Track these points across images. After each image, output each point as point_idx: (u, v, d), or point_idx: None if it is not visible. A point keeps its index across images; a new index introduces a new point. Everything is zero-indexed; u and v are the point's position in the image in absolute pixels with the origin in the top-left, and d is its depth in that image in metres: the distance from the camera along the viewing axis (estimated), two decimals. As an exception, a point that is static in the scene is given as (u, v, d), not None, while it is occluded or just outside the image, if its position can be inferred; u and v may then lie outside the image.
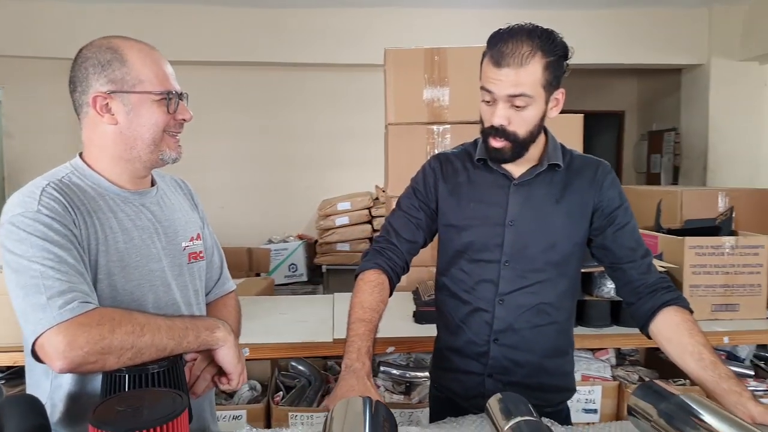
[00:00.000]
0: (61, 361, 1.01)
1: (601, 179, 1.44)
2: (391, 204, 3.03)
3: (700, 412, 1.06)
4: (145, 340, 1.07)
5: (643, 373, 2.67)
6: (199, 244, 1.40)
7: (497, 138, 1.33)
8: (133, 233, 1.24)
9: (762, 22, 5.46)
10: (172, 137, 1.26)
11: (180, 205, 1.40)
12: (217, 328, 1.20)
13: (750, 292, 2.51)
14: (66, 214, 1.13)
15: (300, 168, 5.79)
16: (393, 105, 3.00)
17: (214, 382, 1.25)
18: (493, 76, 1.29)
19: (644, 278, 1.42)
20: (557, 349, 1.50)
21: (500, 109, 1.30)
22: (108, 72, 1.18)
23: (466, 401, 1.50)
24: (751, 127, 5.78)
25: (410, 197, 1.53)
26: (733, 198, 3.36)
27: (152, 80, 1.21)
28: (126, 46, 1.21)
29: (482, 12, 5.44)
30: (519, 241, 1.41)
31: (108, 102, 1.19)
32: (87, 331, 1.02)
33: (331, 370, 2.62)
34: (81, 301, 1.05)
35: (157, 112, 1.22)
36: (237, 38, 5.38)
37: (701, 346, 1.30)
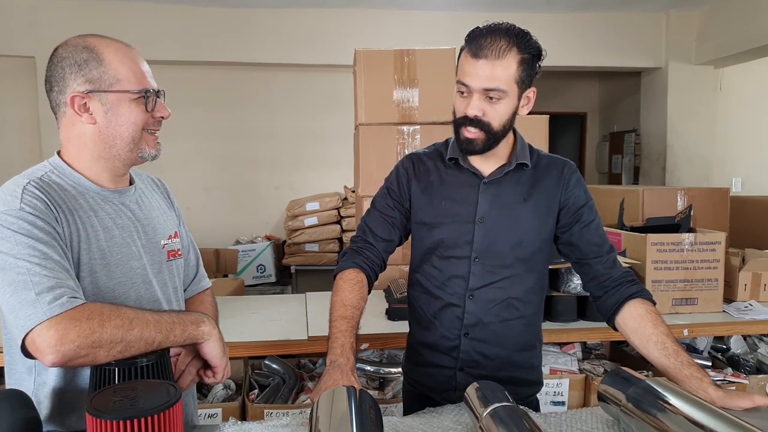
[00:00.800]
0: (53, 355, 1.02)
1: (567, 178, 1.50)
2: (361, 204, 3.06)
3: (666, 395, 1.12)
4: (134, 334, 1.08)
5: (608, 366, 2.75)
6: (177, 242, 1.42)
7: (470, 129, 1.37)
8: (114, 231, 1.24)
9: (716, 28, 5.67)
10: (150, 135, 1.27)
11: (157, 204, 1.41)
12: (203, 322, 1.22)
13: (708, 286, 2.62)
14: (48, 212, 1.14)
15: (268, 168, 5.78)
16: (363, 105, 3.03)
17: (200, 375, 1.27)
18: (469, 68, 1.34)
19: (610, 272, 1.48)
20: (525, 343, 1.55)
21: (475, 100, 1.35)
22: (85, 71, 1.19)
23: (439, 394, 1.54)
24: (706, 129, 6.00)
25: (385, 197, 1.57)
26: (690, 197, 3.49)
27: (130, 79, 1.21)
28: (102, 45, 1.21)
29: (450, 14, 5.52)
30: (488, 237, 1.46)
31: (86, 101, 1.20)
32: (78, 325, 1.03)
33: (304, 368, 2.64)
34: (70, 296, 1.06)
35: (136, 111, 1.23)
36: (203, 37, 5.34)
37: (664, 336, 1.37)
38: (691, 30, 5.85)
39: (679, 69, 5.89)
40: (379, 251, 1.53)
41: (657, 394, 1.13)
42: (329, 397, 1.11)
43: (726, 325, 2.52)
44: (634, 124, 6.67)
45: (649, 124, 6.27)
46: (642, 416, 1.12)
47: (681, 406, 1.09)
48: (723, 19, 5.57)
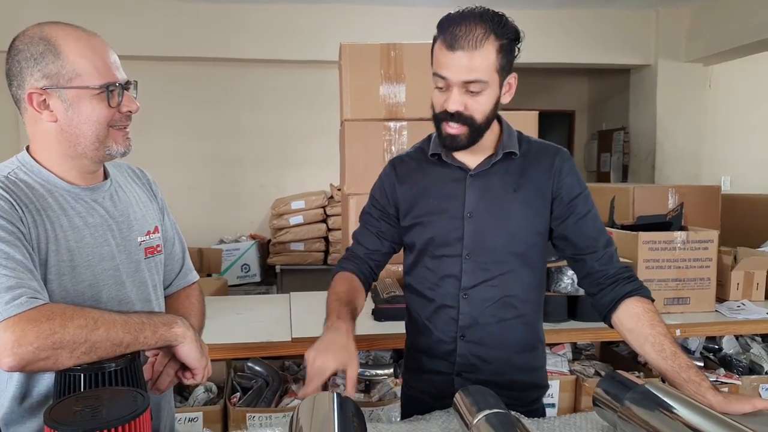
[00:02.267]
0: (10, 358, 0.96)
1: (560, 166, 1.41)
2: (347, 202, 3.00)
3: (666, 401, 1.06)
4: (99, 334, 1.01)
5: (599, 367, 2.71)
6: (157, 237, 1.35)
7: (452, 124, 1.31)
8: (84, 231, 1.18)
9: (705, 25, 5.65)
10: (119, 131, 1.20)
11: (136, 198, 1.34)
12: (175, 323, 1.15)
13: (700, 285, 2.58)
14: (13, 212, 1.07)
15: (252, 166, 5.68)
16: (349, 101, 2.96)
17: (178, 377, 1.21)
18: (446, 60, 1.26)
19: (605, 269, 1.41)
20: (526, 344, 1.48)
21: (455, 94, 1.28)
22: (41, 66, 1.11)
23: (438, 401, 1.46)
24: (695, 127, 5.98)
25: (370, 208, 1.55)
26: (681, 195, 3.45)
27: (90, 73, 1.13)
28: (60, 36, 1.12)
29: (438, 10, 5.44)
30: (479, 233, 1.39)
31: (45, 98, 1.12)
32: (36, 326, 0.97)
33: (288, 370, 2.57)
34: (30, 296, 1.00)
35: (98, 107, 1.15)
36: (186, 33, 5.23)
37: (662, 337, 1.30)
38: (680, 27, 5.82)
39: (668, 66, 5.86)
40: (366, 262, 1.53)
41: (656, 399, 1.08)
42: (310, 404, 1.05)
43: (719, 325, 2.48)
44: (622, 122, 6.65)
45: (638, 122, 6.24)
46: (641, 423, 1.06)
47: (681, 412, 1.03)
48: (713, 16, 5.56)
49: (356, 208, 2.98)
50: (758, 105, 6.25)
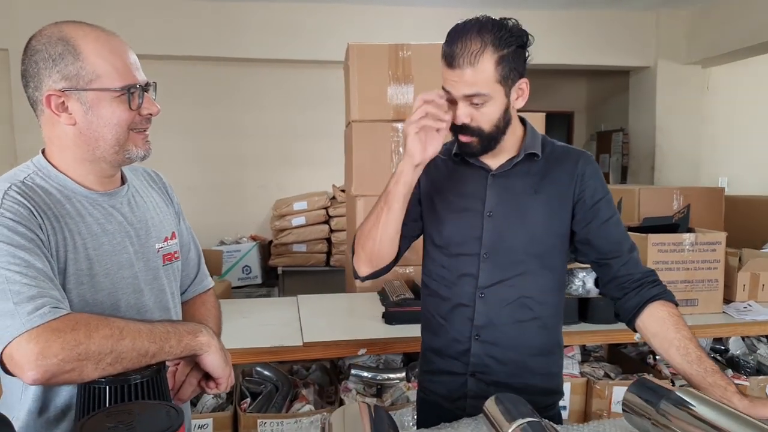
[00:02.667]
0: (34, 371, 0.92)
1: (583, 169, 1.42)
2: (354, 203, 2.98)
3: (702, 407, 1.06)
4: (125, 344, 0.98)
5: (608, 369, 2.71)
6: (174, 243, 1.32)
7: (463, 134, 1.34)
8: (103, 239, 1.15)
9: (704, 28, 5.67)
10: (138, 133, 1.17)
11: (153, 203, 1.31)
12: (200, 332, 1.12)
13: (708, 287, 2.58)
14: (32, 218, 1.04)
15: (252, 167, 5.64)
16: (357, 102, 2.94)
17: (201, 386, 1.18)
18: (448, 77, 1.30)
19: (631, 273, 1.41)
20: (542, 348, 1.47)
21: (460, 108, 1.31)
22: (60, 67, 1.07)
23: (451, 403, 1.48)
24: (694, 129, 6.00)
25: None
26: (685, 196, 3.46)
27: (111, 74, 1.10)
28: (79, 36, 1.09)
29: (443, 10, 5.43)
30: (498, 232, 1.40)
31: (63, 100, 1.09)
32: (61, 336, 0.94)
33: (297, 374, 2.55)
34: (52, 306, 0.97)
35: (119, 110, 1.11)
36: (186, 31, 5.19)
37: (687, 341, 1.31)
38: (680, 29, 5.84)
39: (667, 68, 5.88)
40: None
41: (691, 406, 1.07)
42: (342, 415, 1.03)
43: (727, 327, 2.49)
44: (621, 124, 6.66)
45: (637, 124, 6.25)
46: (678, 430, 1.05)
47: (717, 420, 1.02)
48: (712, 19, 5.57)
49: (364, 209, 2.96)
50: (755, 107, 6.28)
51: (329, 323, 2.41)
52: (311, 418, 2.12)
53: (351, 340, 2.17)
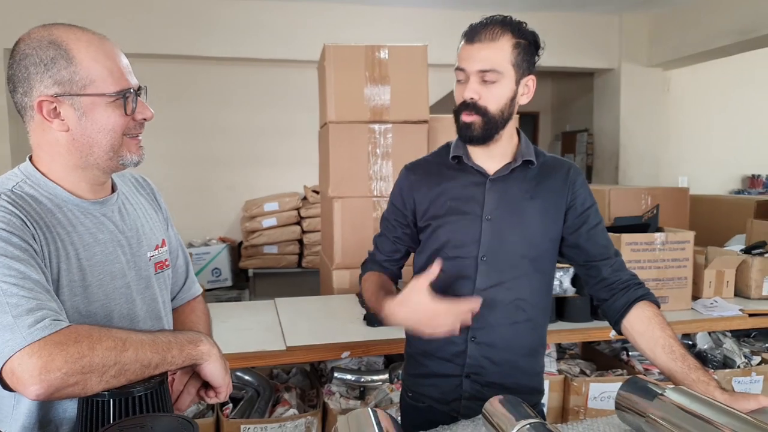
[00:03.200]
0: (37, 386, 0.89)
1: (574, 179, 1.47)
2: (332, 204, 2.98)
3: (696, 405, 1.09)
4: (128, 356, 0.96)
5: (583, 366, 2.76)
6: (165, 251, 1.29)
7: (468, 112, 1.37)
8: (95, 249, 1.12)
9: (665, 32, 5.84)
10: (132, 139, 1.14)
11: (143, 210, 1.28)
12: (200, 341, 1.10)
13: (678, 284, 2.67)
14: (25, 228, 1.00)
15: (220, 167, 5.56)
16: (333, 103, 2.93)
17: (200, 396, 1.16)
18: (465, 54, 1.36)
19: (618, 275, 1.46)
20: (531, 348, 1.51)
21: (471, 83, 1.35)
22: (53, 72, 1.04)
23: (444, 405, 1.49)
24: (655, 129, 6.17)
25: (388, 214, 1.58)
26: (654, 196, 3.56)
27: (105, 79, 1.07)
28: (71, 39, 1.06)
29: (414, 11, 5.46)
30: (496, 235, 1.43)
31: (56, 106, 1.05)
32: (64, 349, 0.91)
33: (278, 378, 2.53)
34: (53, 318, 0.94)
35: (114, 115, 1.08)
36: (152, 28, 5.07)
37: (671, 340, 1.36)
38: (642, 33, 6.00)
39: (630, 70, 6.03)
40: (387, 267, 1.59)
41: (686, 404, 1.10)
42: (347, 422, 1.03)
43: (696, 323, 2.58)
44: (586, 124, 6.80)
45: (602, 124, 6.39)
46: (672, 426, 1.08)
47: (710, 416, 1.06)
48: (672, 24, 5.74)
49: (342, 210, 2.96)
50: (713, 109, 6.50)
51: (310, 326, 2.40)
52: (295, 422, 2.11)
53: (334, 343, 2.17)
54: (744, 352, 2.77)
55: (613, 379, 2.54)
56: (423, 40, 3.41)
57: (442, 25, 5.28)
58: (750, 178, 6.76)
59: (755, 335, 3.04)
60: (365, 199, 2.99)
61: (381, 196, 2.98)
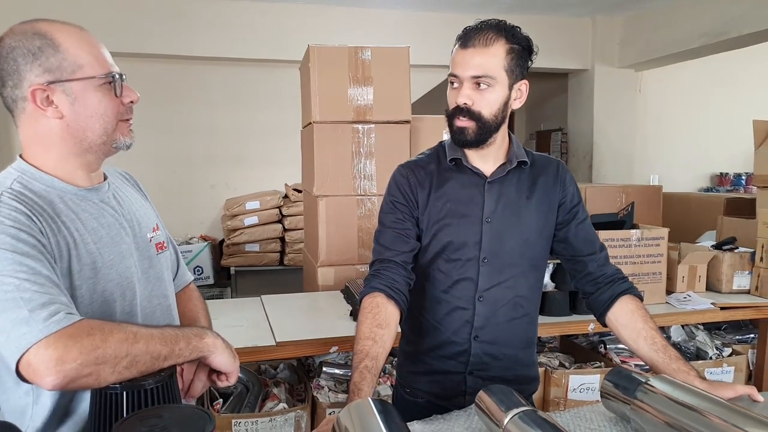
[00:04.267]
0: (53, 377, 0.93)
1: (563, 176, 1.53)
2: (316, 203, 3.01)
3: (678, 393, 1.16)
4: (139, 347, 1.00)
5: (562, 359, 2.85)
6: (160, 234, 1.35)
7: (461, 117, 1.39)
8: (101, 232, 1.16)
9: (636, 34, 5.98)
10: (124, 122, 1.19)
11: (134, 197, 1.34)
12: (206, 334, 1.15)
13: (652, 279, 2.76)
14: (31, 224, 1.04)
15: (201, 166, 5.53)
16: (318, 103, 2.97)
17: (212, 380, 1.21)
18: (459, 59, 1.38)
19: (603, 269, 1.53)
20: (528, 340, 1.58)
21: (465, 89, 1.37)
22: (41, 60, 1.08)
23: (446, 401, 1.51)
24: (627, 129, 6.32)
25: (392, 211, 1.51)
26: (627, 194, 3.67)
27: (92, 63, 1.12)
28: (54, 30, 1.10)
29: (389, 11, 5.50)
30: (496, 237, 1.46)
31: (48, 94, 1.09)
32: (78, 341, 0.95)
33: (266, 373, 2.56)
34: (66, 312, 0.98)
35: (105, 99, 1.13)
36: (133, 27, 5.02)
37: (654, 332, 1.44)
38: (614, 34, 6.13)
39: (603, 71, 6.16)
40: (399, 265, 1.46)
41: (669, 391, 1.17)
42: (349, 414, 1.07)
43: (670, 316, 2.67)
44: (560, 123, 6.92)
45: (576, 124, 6.52)
46: (656, 414, 1.15)
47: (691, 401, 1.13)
48: (643, 26, 5.88)
49: (326, 209, 3.00)
50: (682, 109, 6.67)
51: (298, 322, 2.44)
52: (285, 416, 2.15)
53: (322, 339, 2.21)
54: (716, 344, 2.88)
55: (592, 371, 2.63)
56: (402, 41, 3.46)
57: (422, 27, 5.35)
58: (718, 176, 6.95)
59: (725, 328, 3.16)
60: (349, 197, 3.03)
61: (365, 195, 3.03)
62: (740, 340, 3.04)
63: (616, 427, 1.27)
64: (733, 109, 6.65)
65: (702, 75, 6.51)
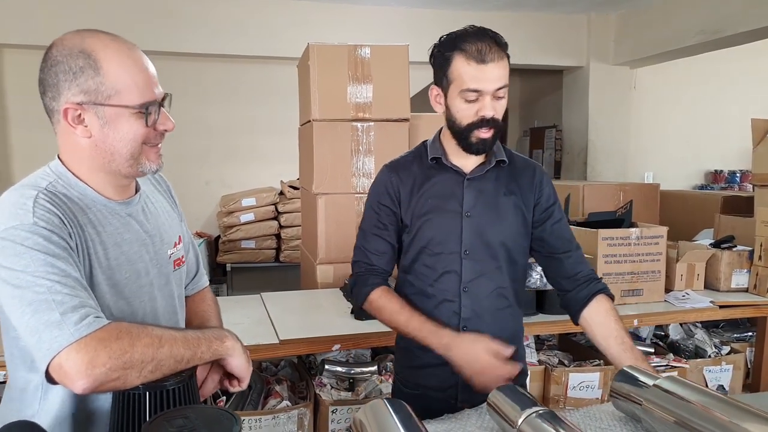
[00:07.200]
0: (84, 380, 0.94)
1: (540, 177, 1.62)
2: (314, 201, 3.01)
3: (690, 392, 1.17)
4: (164, 352, 1.02)
5: (561, 356, 2.86)
6: (181, 248, 1.35)
7: (486, 129, 1.46)
8: (123, 247, 1.17)
9: (630, 31, 6.00)
10: (152, 148, 1.18)
11: (162, 208, 1.33)
12: (226, 337, 1.17)
13: (651, 277, 2.78)
14: (63, 227, 1.05)
15: (196, 163, 5.51)
16: (317, 101, 2.97)
17: (225, 385, 1.22)
18: (479, 74, 1.42)
19: (579, 267, 1.61)
20: (514, 332, 1.64)
21: (489, 101, 1.44)
22: (80, 81, 1.07)
23: (441, 393, 1.58)
24: (622, 126, 6.35)
25: (376, 213, 1.61)
26: (625, 192, 3.69)
27: (131, 90, 1.10)
28: (100, 48, 1.08)
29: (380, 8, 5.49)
30: (476, 231, 1.54)
31: (80, 113, 1.09)
32: (108, 346, 0.96)
33: (267, 371, 2.56)
34: (95, 315, 0.99)
35: (135, 125, 1.12)
36: (127, 23, 4.99)
37: (623, 332, 1.53)
38: (608, 32, 6.14)
39: (598, 68, 6.18)
40: (383, 268, 1.61)
41: (680, 390, 1.18)
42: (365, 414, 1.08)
43: (669, 314, 2.69)
44: (554, 120, 6.94)
45: (571, 121, 6.54)
46: (668, 413, 1.16)
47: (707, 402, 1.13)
48: (637, 23, 5.90)
49: (325, 207, 3.00)
50: (677, 107, 6.71)
51: (300, 320, 2.44)
52: (288, 413, 2.15)
53: (325, 336, 2.22)
54: (714, 343, 2.90)
55: (591, 369, 2.64)
56: (397, 37, 3.46)
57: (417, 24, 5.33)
58: (713, 174, 7.00)
59: (723, 326, 3.19)
60: (348, 195, 3.04)
61: (363, 193, 3.02)
62: (738, 339, 3.06)
63: (626, 427, 1.28)
64: (727, 106, 6.70)
65: (696, 72, 6.55)
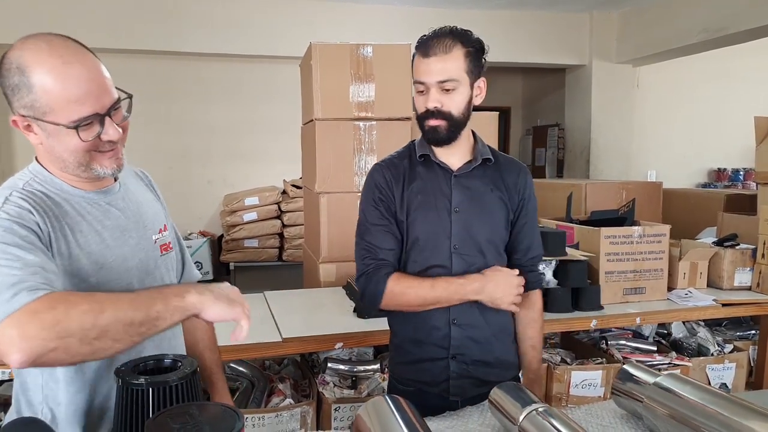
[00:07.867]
0: (18, 354, 0.91)
1: (524, 178, 1.66)
2: (316, 200, 3.02)
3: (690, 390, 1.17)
4: (106, 317, 0.97)
5: (563, 354, 2.86)
6: (167, 235, 1.37)
7: (433, 119, 1.50)
8: (105, 234, 1.19)
9: (633, 29, 5.99)
10: (103, 153, 1.16)
11: (144, 197, 1.36)
12: (187, 292, 1.07)
13: (654, 276, 2.77)
14: (30, 216, 1.07)
15: (198, 162, 5.54)
16: (320, 100, 2.97)
17: None
18: (423, 67, 1.48)
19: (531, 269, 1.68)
20: (501, 326, 1.66)
21: (433, 93, 1.48)
22: (18, 97, 1.09)
23: (434, 387, 1.60)
24: (625, 124, 6.34)
25: (374, 209, 1.60)
26: (627, 190, 3.68)
27: (63, 108, 1.08)
28: (36, 64, 1.07)
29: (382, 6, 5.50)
30: (465, 226, 1.57)
31: (28, 123, 1.11)
32: (39, 317, 0.93)
33: (270, 369, 2.57)
34: (29, 289, 0.96)
35: (73, 141, 1.11)
36: (130, 23, 5.02)
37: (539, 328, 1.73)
38: (611, 30, 6.14)
39: (601, 67, 6.18)
40: (392, 262, 1.59)
41: (681, 388, 1.18)
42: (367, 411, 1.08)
43: (672, 312, 2.68)
44: (557, 119, 6.93)
45: (573, 119, 6.54)
46: (669, 411, 1.16)
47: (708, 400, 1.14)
48: (640, 21, 5.89)
49: (327, 206, 3.01)
50: (680, 105, 6.70)
51: (302, 319, 2.44)
52: (291, 411, 2.15)
53: (327, 335, 2.22)
54: (717, 341, 2.90)
55: (594, 368, 2.64)
56: (397, 36, 3.46)
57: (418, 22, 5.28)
58: (716, 172, 6.99)
59: (726, 324, 3.18)
60: (351, 194, 3.04)
61: (366, 192, 3.02)
62: (741, 337, 3.06)
63: (628, 424, 1.29)
64: (730, 104, 6.69)
65: (699, 70, 6.54)
